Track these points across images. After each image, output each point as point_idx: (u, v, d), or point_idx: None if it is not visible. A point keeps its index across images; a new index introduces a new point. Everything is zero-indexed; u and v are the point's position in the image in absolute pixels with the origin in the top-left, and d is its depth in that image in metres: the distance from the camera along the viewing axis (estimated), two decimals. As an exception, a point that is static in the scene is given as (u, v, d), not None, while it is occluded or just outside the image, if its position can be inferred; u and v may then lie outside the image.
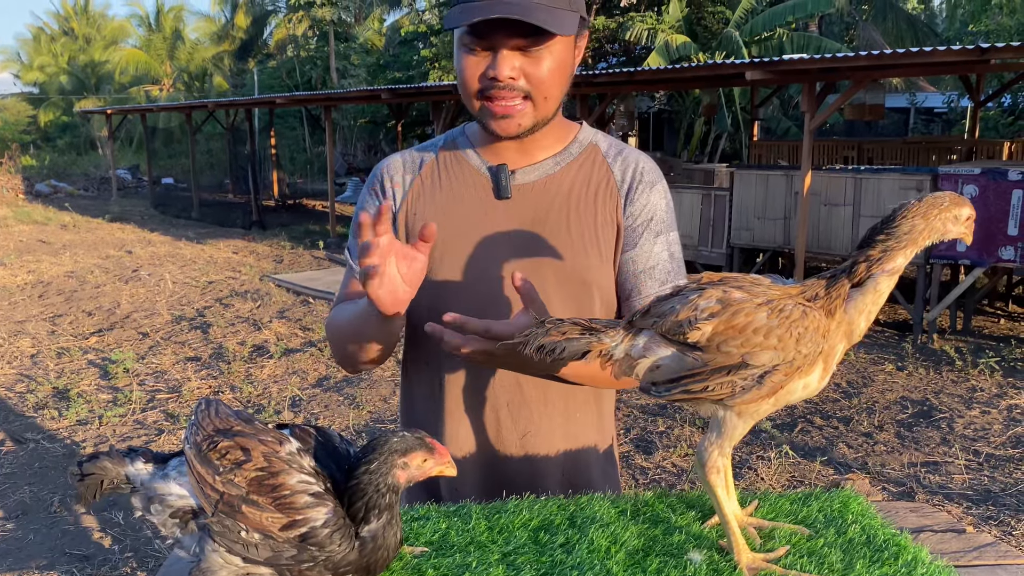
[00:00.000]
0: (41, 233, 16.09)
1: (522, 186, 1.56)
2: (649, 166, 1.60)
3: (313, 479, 0.99)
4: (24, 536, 4.21)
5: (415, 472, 1.03)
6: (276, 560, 0.98)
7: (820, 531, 1.21)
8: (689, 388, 1.08)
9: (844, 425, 5.76)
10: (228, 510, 0.97)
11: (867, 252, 1.07)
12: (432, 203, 1.58)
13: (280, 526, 0.96)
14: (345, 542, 0.99)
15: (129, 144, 33.01)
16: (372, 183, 1.65)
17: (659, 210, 1.57)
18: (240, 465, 0.98)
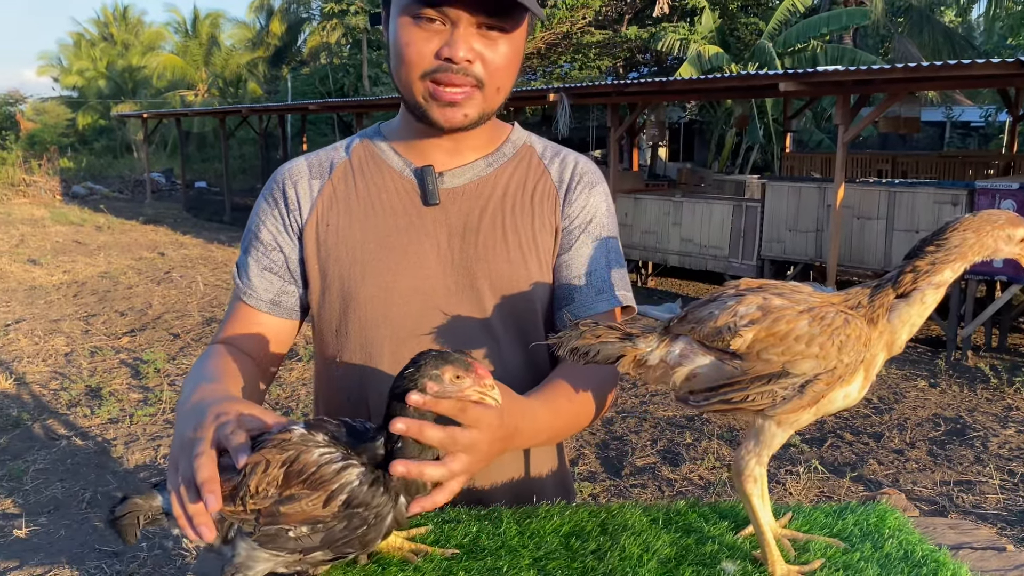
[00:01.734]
0: (77, 234, 16.36)
1: (451, 190, 1.41)
2: (589, 167, 1.48)
3: (332, 449, 0.98)
4: (55, 531, 4.26)
5: (449, 388, 0.97)
6: (331, 540, 0.97)
7: (856, 545, 1.19)
8: (729, 398, 1.07)
9: (875, 441, 5.67)
10: (269, 520, 0.96)
11: (915, 263, 1.05)
12: (347, 212, 1.40)
13: (322, 504, 0.95)
14: (387, 494, 0.98)
15: (164, 148, 33.50)
16: (270, 188, 1.46)
17: (599, 213, 1.45)
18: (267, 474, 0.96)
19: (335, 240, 1.40)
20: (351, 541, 0.99)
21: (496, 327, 1.40)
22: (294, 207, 1.43)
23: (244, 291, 1.44)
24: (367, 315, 1.39)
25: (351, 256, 1.39)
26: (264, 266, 1.43)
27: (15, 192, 24.74)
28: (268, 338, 1.45)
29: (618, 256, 1.47)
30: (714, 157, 19.88)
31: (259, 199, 1.48)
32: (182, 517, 0.98)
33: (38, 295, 10.35)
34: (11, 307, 9.62)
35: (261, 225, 1.45)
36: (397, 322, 1.39)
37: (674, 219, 10.73)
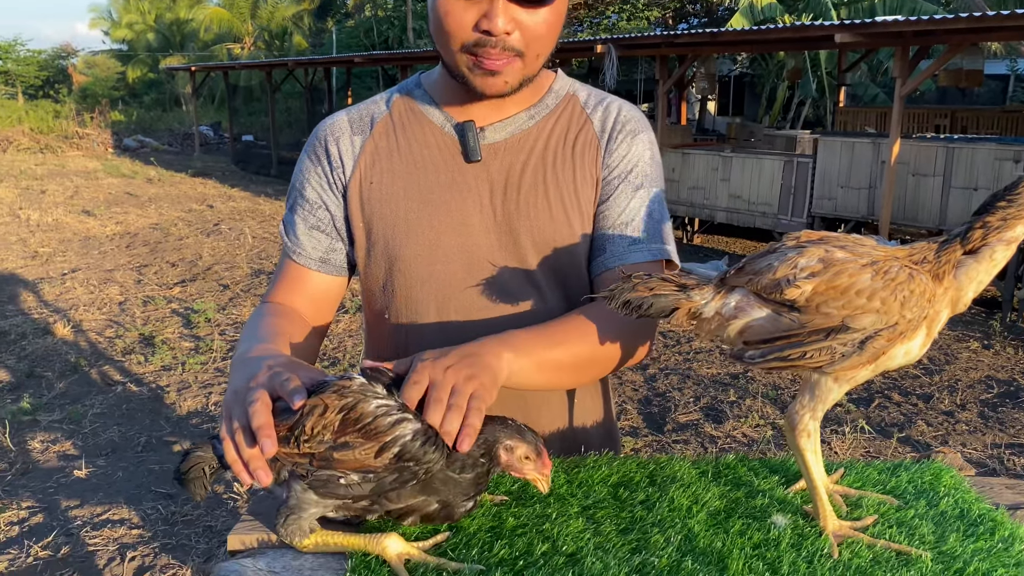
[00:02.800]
0: (128, 186, 16.67)
1: (493, 145, 1.38)
2: (633, 115, 1.43)
3: (390, 401, 0.99)
4: (113, 473, 4.42)
5: (514, 461, 1.04)
6: (380, 490, 0.99)
7: (910, 502, 1.17)
8: (785, 355, 1.05)
9: (924, 402, 5.58)
10: (323, 464, 0.98)
11: (985, 218, 1.01)
12: (389, 169, 1.40)
13: (374, 454, 0.97)
14: (438, 451, 0.99)
15: (211, 101, 33.82)
16: (312, 146, 1.45)
17: (642, 161, 1.40)
18: (324, 419, 0.98)
19: (378, 198, 1.39)
20: (399, 493, 1.01)
21: (540, 283, 1.39)
22: (337, 164, 1.42)
23: (293, 250, 1.45)
24: (412, 273, 1.39)
25: (394, 214, 1.39)
26: (311, 224, 1.44)
27: (69, 145, 25.24)
28: (318, 295, 1.46)
29: (660, 207, 1.41)
30: (765, 111, 19.43)
31: (302, 155, 1.47)
32: (237, 462, 1.00)
33: (92, 245, 10.60)
34: (67, 257, 9.88)
35: (306, 183, 1.45)
36: (442, 279, 1.39)
37: (722, 175, 10.54)
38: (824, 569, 0.98)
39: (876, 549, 1.04)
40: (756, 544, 1.05)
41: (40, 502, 4.09)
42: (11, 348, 6.46)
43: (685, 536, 1.06)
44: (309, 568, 1.03)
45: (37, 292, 8.20)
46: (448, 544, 1.04)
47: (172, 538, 3.76)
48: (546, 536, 1.06)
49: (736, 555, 1.01)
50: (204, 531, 3.83)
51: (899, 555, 1.02)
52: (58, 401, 5.42)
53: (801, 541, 1.05)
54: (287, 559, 1.05)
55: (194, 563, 3.55)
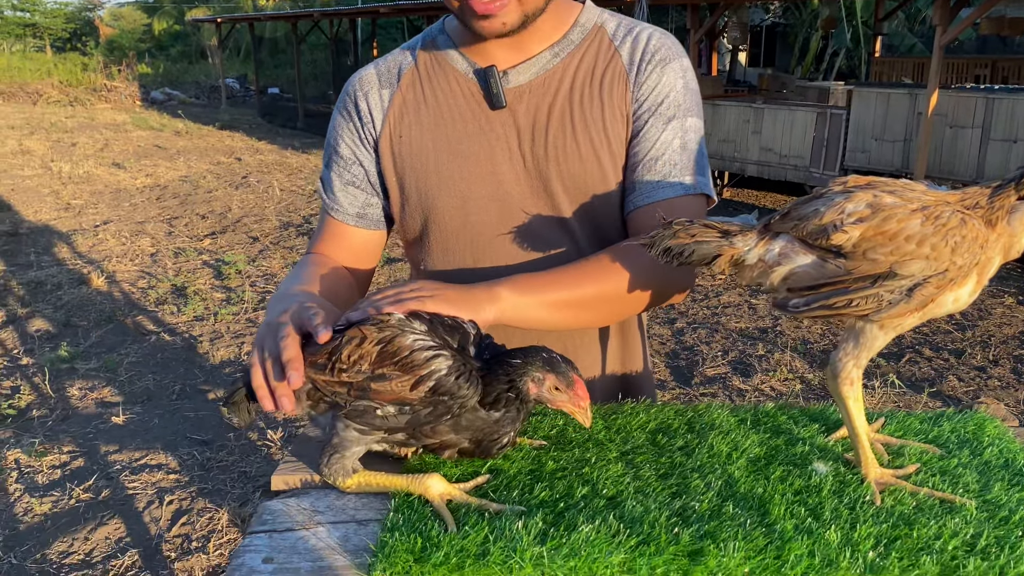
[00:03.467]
0: (157, 139, 16.75)
1: (517, 88, 1.35)
2: (664, 41, 1.36)
3: (427, 337, 1.01)
4: (149, 420, 4.52)
5: (546, 394, 1.03)
6: (415, 423, 1.01)
7: (953, 452, 1.17)
8: (831, 303, 1.03)
9: (955, 358, 5.53)
10: (360, 394, 1.00)
11: (1039, 160, 0.99)
12: (418, 122, 1.38)
13: (410, 387, 0.98)
14: (472, 386, 1.01)
15: (237, 54, 33.66)
16: (343, 101, 1.45)
17: (674, 91, 1.34)
18: (360, 349, 1.00)
19: (408, 152, 1.39)
20: (434, 428, 1.02)
21: (573, 227, 1.38)
22: (367, 120, 1.41)
23: (331, 206, 1.47)
24: (446, 225, 1.40)
25: (425, 167, 1.38)
26: (346, 181, 1.45)
27: (97, 97, 25.35)
28: (357, 248, 1.48)
29: (695, 138, 1.36)
30: (797, 62, 19.00)
31: (334, 112, 1.48)
32: (263, 388, 1.04)
33: (123, 197, 10.70)
34: (99, 209, 9.99)
35: (339, 140, 1.45)
36: (476, 230, 1.39)
37: (753, 127, 10.36)
38: (867, 516, 0.98)
39: (919, 497, 1.03)
40: (797, 490, 1.05)
41: (80, 447, 4.19)
42: (48, 298, 6.58)
43: (725, 482, 1.06)
44: (352, 507, 1.05)
45: (71, 243, 8.31)
46: (489, 486, 1.06)
47: (208, 483, 3.85)
48: (586, 480, 1.06)
49: (777, 500, 1.01)
50: (239, 476, 3.92)
51: (943, 503, 1.02)
52: (94, 350, 5.53)
53: (843, 488, 1.05)
54: (330, 499, 1.07)
55: (230, 507, 3.63)
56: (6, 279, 7.04)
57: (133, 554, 3.31)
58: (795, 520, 0.97)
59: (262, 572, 0.92)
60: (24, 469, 3.97)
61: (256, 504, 3.63)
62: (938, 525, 0.96)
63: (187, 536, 3.45)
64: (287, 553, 0.95)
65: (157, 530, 3.48)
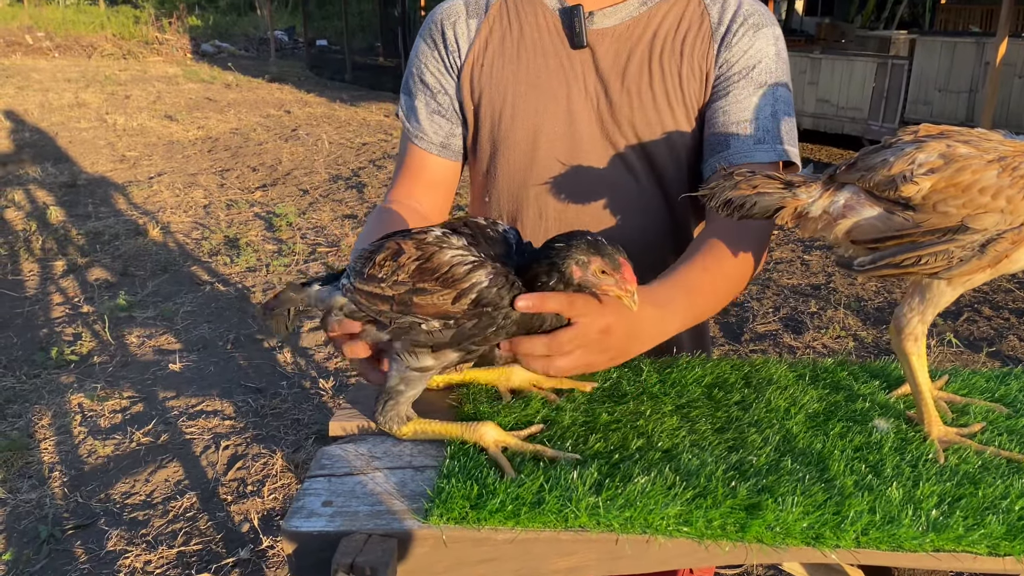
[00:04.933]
0: (207, 91, 16.89)
1: (601, 31, 1.36)
2: (757, 8, 1.37)
3: (465, 251, 0.99)
4: (204, 368, 4.63)
5: (590, 277, 0.99)
6: (461, 337, 1.00)
7: (1021, 411, 1.14)
8: (899, 261, 1.00)
9: (1017, 317, 5.37)
10: (403, 308, 0.99)
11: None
12: (501, 53, 1.39)
13: (451, 300, 0.97)
14: (515, 293, 0.99)
15: (285, 5, 33.64)
16: (427, 29, 1.46)
17: (766, 58, 1.34)
18: (398, 263, 0.99)
19: (488, 81, 1.40)
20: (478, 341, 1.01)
21: (638, 171, 1.39)
22: (453, 48, 1.42)
23: (415, 134, 1.48)
24: (514, 158, 1.41)
25: (502, 98, 1.39)
26: (432, 109, 1.46)
27: (149, 50, 25.60)
28: (437, 180, 1.51)
29: (787, 106, 1.37)
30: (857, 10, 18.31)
31: (417, 40, 1.48)
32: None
33: (176, 150, 10.85)
34: (153, 160, 10.16)
35: (424, 68, 1.46)
36: (543, 165, 1.39)
37: (810, 78, 10.06)
38: (930, 474, 0.96)
39: (985, 456, 1.01)
40: (857, 447, 1.03)
41: (139, 392, 4.33)
42: (105, 248, 6.74)
43: (783, 437, 1.05)
44: (409, 454, 1.06)
45: (127, 195, 8.48)
46: (543, 435, 1.06)
47: (262, 429, 3.95)
48: (640, 432, 1.06)
49: (837, 456, 1.00)
50: (292, 423, 4.01)
51: (1010, 463, 1.00)
52: (151, 299, 5.66)
53: (904, 445, 1.03)
54: (387, 444, 1.08)
55: (283, 453, 3.73)
56: (66, 229, 7.22)
57: (191, 496, 3.43)
58: (855, 476, 0.96)
59: (322, 514, 0.94)
60: (87, 413, 4.11)
61: (310, 451, 3.73)
62: (1004, 485, 0.94)
63: (242, 480, 3.55)
64: (346, 497, 0.97)
65: (214, 474, 3.60)
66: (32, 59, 22.57)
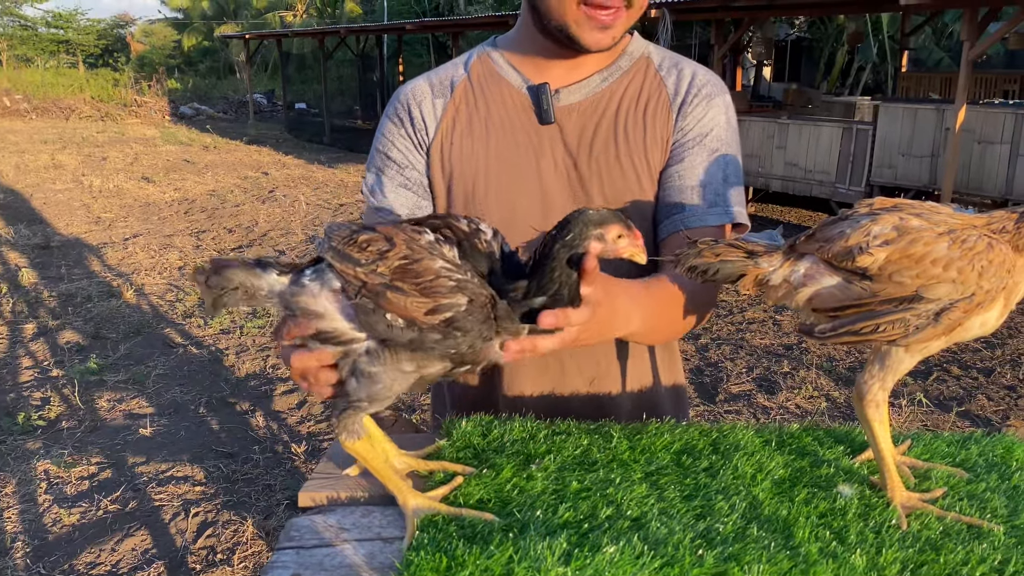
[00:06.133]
0: (185, 153, 16.98)
1: (567, 107, 1.41)
2: (709, 78, 1.43)
3: (455, 268, 0.97)
4: (175, 432, 4.57)
5: (610, 246, 0.98)
6: (419, 344, 0.97)
7: (981, 476, 1.16)
8: (858, 329, 1.03)
9: (985, 376, 5.45)
10: (372, 296, 0.96)
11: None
12: (470, 132, 1.43)
13: (425, 311, 0.95)
14: (488, 330, 0.97)
15: (265, 69, 34.11)
16: (393, 108, 1.48)
17: (718, 126, 1.40)
18: (383, 255, 0.97)
19: (459, 159, 1.43)
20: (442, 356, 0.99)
21: None
22: (420, 126, 1.45)
23: (380, 206, 1.48)
24: None
25: (474, 174, 1.42)
26: (399, 183, 1.47)
27: (127, 112, 25.76)
28: None
29: (736, 172, 1.42)
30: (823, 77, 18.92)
31: (383, 120, 1.51)
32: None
33: (152, 211, 10.85)
34: (128, 222, 10.14)
35: (391, 145, 1.48)
36: (520, 237, 1.40)
37: (778, 142, 10.32)
38: (893, 540, 0.98)
39: (946, 521, 1.02)
40: (822, 513, 1.04)
41: (108, 458, 4.25)
42: (78, 310, 6.68)
43: (750, 504, 1.06)
44: (378, 525, 1.06)
45: (101, 256, 8.44)
46: (513, 505, 1.06)
47: (233, 495, 3.88)
48: (610, 500, 1.07)
49: (802, 523, 1.01)
50: (263, 489, 3.94)
51: (970, 528, 1.01)
52: (123, 362, 5.60)
53: (868, 511, 1.05)
54: (356, 516, 1.08)
55: (254, 519, 3.66)
56: (38, 291, 7.15)
57: (159, 566, 3.35)
58: (820, 543, 0.97)
59: (289, 588, 0.93)
60: (53, 480, 4.02)
61: (281, 517, 3.66)
62: (965, 551, 0.95)
63: (212, 548, 3.47)
64: (314, 569, 0.97)
65: (183, 542, 3.52)
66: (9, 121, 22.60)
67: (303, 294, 1.02)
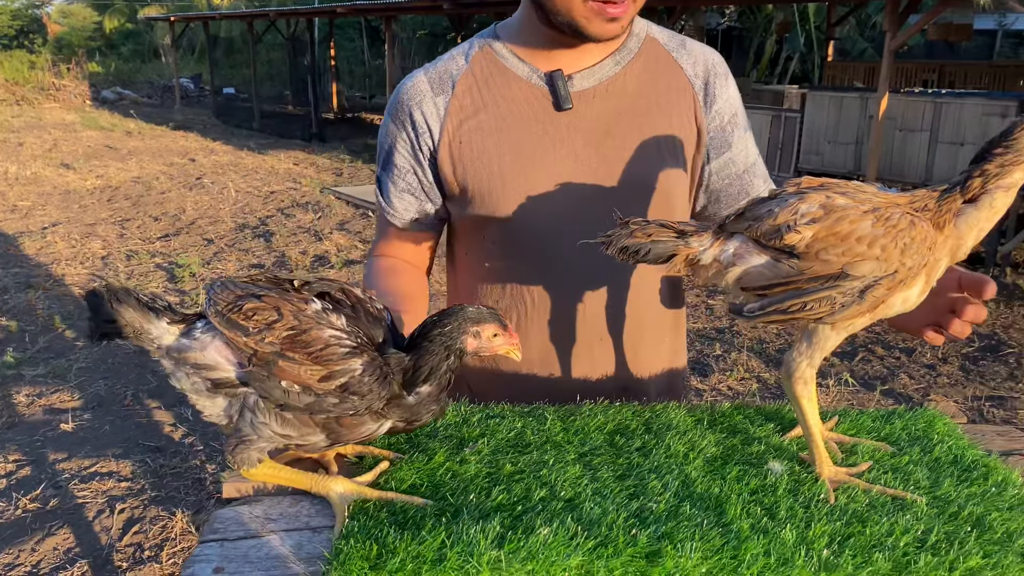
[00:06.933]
0: (107, 139, 16.39)
1: (582, 92, 1.39)
2: (717, 57, 1.49)
3: (345, 335, 0.98)
4: (100, 426, 4.41)
5: (484, 343, 1.02)
6: (317, 409, 0.98)
7: (904, 449, 1.19)
8: (786, 307, 1.04)
9: (907, 356, 5.65)
10: (263, 365, 0.96)
11: (983, 166, 1.01)
12: (479, 127, 1.39)
13: (318, 378, 0.96)
14: (385, 390, 0.99)
15: (191, 53, 33.12)
16: (395, 110, 1.45)
17: (738, 102, 1.49)
18: (271, 325, 0.97)
19: (471, 156, 1.40)
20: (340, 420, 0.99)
21: None
22: (423, 130, 1.42)
23: (386, 210, 1.51)
24: (511, 225, 1.41)
25: (489, 170, 1.40)
26: (401, 188, 1.48)
27: (45, 96, 24.73)
28: (413, 248, 1.54)
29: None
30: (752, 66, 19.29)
31: (386, 117, 1.49)
32: None
33: (73, 199, 10.45)
34: (47, 211, 9.74)
35: (393, 149, 1.48)
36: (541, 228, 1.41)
37: (710, 129, 10.48)
38: (821, 514, 0.99)
39: (872, 494, 1.04)
40: (753, 490, 1.05)
41: (27, 455, 4.08)
42: (-7, 302, 6.40)
43: (682, 482, 1.06)
44: (307, 514, 1.03)
45: (18, 246, 8.09)
46: (446, 490, 1.04)
47: (161, 490, 3.77)
48: (543, 482, 1.06)
49: (734, 500, 1.01)
50: (194, 483, 3.84)
51: (894, 500, 1.03)
52: (42, 355, 5.38)
53: (798, 487, 1.06)
54: (284, 506, 1.05)
55: (184, 514, 3.56)
56: (-51, 283, 6.83)
57: (83, 565, 3.23)
58: (751, 520, 0.97)
59: (213, 582, 0.90)
60: (-32, 479, 3.85)
61: (212, 511, 3.56)
62: (890, 522, 0.97)
63: (139, 545, 3.37)
64: (239, 562, 0.93)
65: (108, 540, 3.40)
66: (-84, 104, 21.50)
67: (191, 350, 1.02)
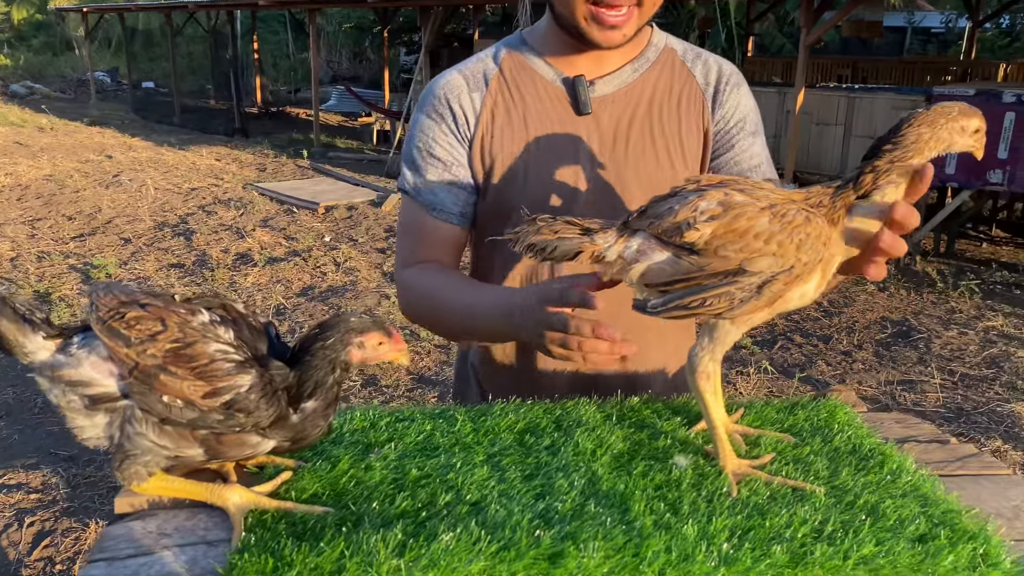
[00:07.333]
0: (17, 135, 15.69)
1: (602, 98, 1.47)
2: (731, 68, 1.55)
3: (232, 349, 0.96)
4: (8, 436, 4.22)
5: (369, 353, 1.01)
6: (201, 424, 0.96)
7: (806, 439, 1.21)
8: (687, 303, 1.05)
9: (824, 343, 5.82)
10: (144, 378, 0.93)
11: (874, 163, 1.03)
12: (509, 123, 1.47)
13: (202, 394, 0.94)
14: (272, 407, 0.97)
15: (107, 46, 31.94)
16: (430, 104, 1.50)
17: (750, 111, 1.53)
18: (154, 337, 0.94)
19: (499, 151, 1.46)
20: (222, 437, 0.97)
21: None
22: (462, 120, 1.47)
23: (433, 206, 1.49)
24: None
25: (513, 167, 1.46)
26: (448, 181, 1.48)
27: (-52, 90, 23.53)
28: (455, 247, 1.54)
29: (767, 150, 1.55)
30: (676, 61, 19.56)
31: (419, 116, 1.50)
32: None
33: (-21, 198, 9.97)
34: (-49, 211, 9.28)
35: (433, 143, 1.48)
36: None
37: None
38: (723, 508, 1.00)
39: (773, 486, 1.06)
40: (658, 485, 1.06)
41: (-72, 469, 3.88)
42: None
43: (589, 480, 1.06)
44: (203, 528, 0.99)
45: (-82, 249, 7.69)
46: (348, 498, 1.02)
47: (74, 501, 3.63)
48: (450, 486, 1.05)
49: (638, 496, 1.02)
50: (108, 492, 3.71)
51: (795, 491, 1.06)
52: (-55, 363, 5.12)
53: (702, 481, 1.07)
54: (180, 519, 1.01)
55: (98, 525, 3.44)
56: None
57: (-11, 582, 3.09)
58: (654, 516, 0.98)
59: (99, 604, 0.86)
60: None
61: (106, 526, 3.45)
62: (789, 514, 0.99)
63: (50, 559, 3.24)
64: (128, 581, 0.89)
65: (16, 555, 3.26)
66: None
67: (66, 367, 0.97)
